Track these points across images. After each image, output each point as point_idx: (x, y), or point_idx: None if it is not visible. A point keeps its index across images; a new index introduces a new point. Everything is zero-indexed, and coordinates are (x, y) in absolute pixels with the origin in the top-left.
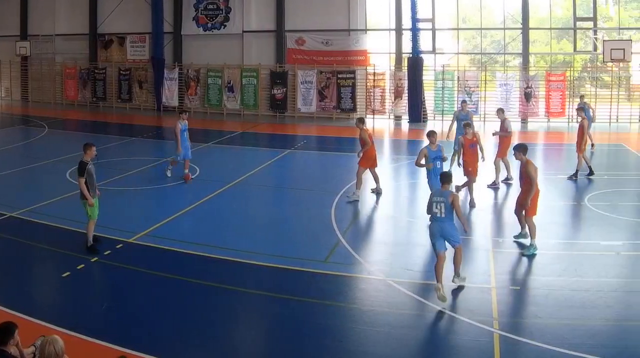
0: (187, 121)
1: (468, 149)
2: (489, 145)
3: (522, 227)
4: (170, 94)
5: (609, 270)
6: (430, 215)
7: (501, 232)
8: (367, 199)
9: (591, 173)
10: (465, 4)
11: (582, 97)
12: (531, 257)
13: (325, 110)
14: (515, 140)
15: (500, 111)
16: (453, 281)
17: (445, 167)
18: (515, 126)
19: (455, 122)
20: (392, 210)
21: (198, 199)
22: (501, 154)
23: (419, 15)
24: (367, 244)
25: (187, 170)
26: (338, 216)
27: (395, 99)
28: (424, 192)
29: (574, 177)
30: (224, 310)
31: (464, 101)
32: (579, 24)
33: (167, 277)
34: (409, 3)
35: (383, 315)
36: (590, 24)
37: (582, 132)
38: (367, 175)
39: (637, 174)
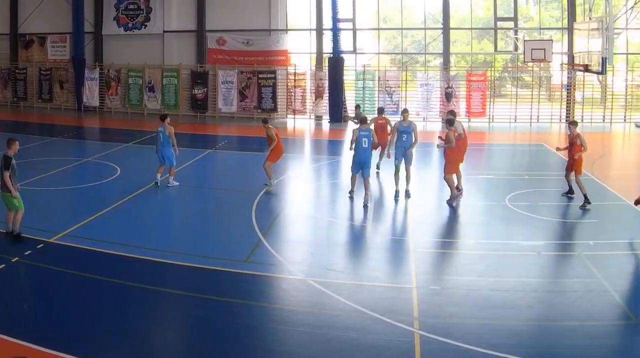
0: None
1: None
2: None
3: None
4: (91, 94)
5: (530, 270)
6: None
7: (423, 232)
8: (288, 199)
9: (571, 192)
10: (386, 4)
11: None
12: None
13: (246, 110)
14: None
15: (448, 123)
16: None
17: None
18: (436, 126)
19: (396, 134)
20: (312, 210)
21: (119, 199)
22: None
23: (340, 15)
24: (287, 244)
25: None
26: (259, 216)
27: (316, 99)
28: (344, 192)
29: (586, 205)
30: (145, 310)
31: (405, 110)
32: (500, 23)
33: (88, 277)
34: (330, 3)
35: (304, 315)
36: (511, 24)
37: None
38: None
39: (558, 174)
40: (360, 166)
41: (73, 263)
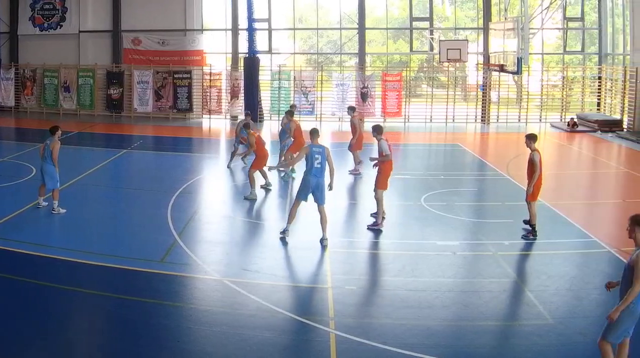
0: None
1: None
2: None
3: None
4: (7, 94)
5: (446, 270)
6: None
7: (338, 232)
8: (203, 200)
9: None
10: (302, 4)
11: None
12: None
13: (162, 110)
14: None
15: (376, 131)
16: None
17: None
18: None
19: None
20: (228, 210)
21: (34, 199)
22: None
23: (255, 15)
24: (203, 244)
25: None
26: (174, 216)
27: (231, 99)
28: (261, 192)
29: (530, 236)
30: (60, 311)
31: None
32: (415, 24)
33: (3, 276)
34: (245, 3)
35: (220, 315)
36: (426, 24)
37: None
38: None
39: (473, 174)
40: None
41: None
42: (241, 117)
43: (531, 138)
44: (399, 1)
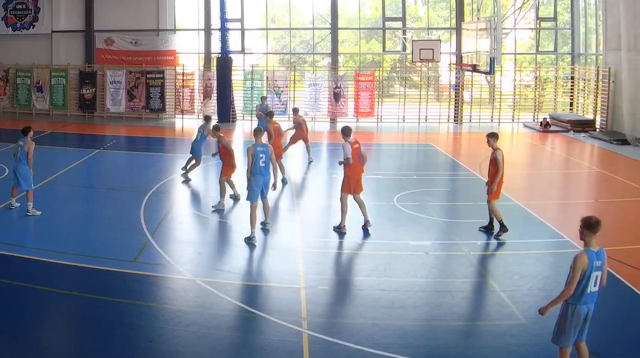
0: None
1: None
2: None
3: None
4: None
5: (418, 270)
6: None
7: (311, 232)
8: (175, 199)
9: (490, 226)
10: (274, 4)
11: None
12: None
13: (135, 110)
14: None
15: (343, 133)
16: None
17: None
18: (324, 126)
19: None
20: (201, 210)
21: (6, 199)
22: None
23: (228, 15)
24: (176, 244)
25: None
26: (147, 216)
27: (204, 99)
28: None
29: (501, 233)
30: (32, 311)
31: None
32: (388, 24)
33: None
34: (218, 3)
35: (192, 315)
36: (399, 24)
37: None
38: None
39: (446, 174)
40: None
41: None
42: (214, 116)
43: (492, 136)
44: (371, 1)
